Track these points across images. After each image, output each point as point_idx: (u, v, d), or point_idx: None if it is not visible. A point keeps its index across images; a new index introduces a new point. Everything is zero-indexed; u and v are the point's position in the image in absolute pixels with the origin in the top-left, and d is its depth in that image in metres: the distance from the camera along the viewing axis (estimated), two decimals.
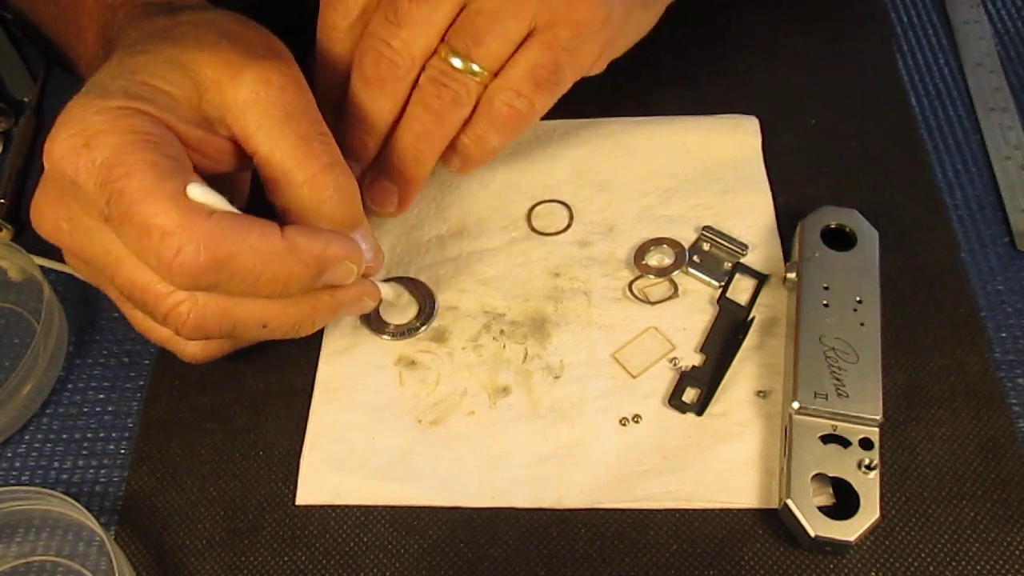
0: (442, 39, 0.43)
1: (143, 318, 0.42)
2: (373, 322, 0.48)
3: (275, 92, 0.40)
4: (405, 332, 0.48)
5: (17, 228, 0.54)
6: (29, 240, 0.54)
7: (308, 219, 0.41)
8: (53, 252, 0.53)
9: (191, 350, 0.44)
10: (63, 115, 0.37)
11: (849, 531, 0.39)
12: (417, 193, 0.48)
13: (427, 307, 0.48)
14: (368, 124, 0.45)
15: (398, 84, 0.44)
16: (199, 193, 0.36)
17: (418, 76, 0.44)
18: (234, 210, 0.37)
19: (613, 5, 0.44)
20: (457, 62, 0.43)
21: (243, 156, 0.41)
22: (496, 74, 0.44)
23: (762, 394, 0.45)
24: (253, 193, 0.45)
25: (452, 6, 0.42)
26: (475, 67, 0.43)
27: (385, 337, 0.48)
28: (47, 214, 0.39)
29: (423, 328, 0.48)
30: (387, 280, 0.49)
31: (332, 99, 0.46)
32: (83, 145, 0.36)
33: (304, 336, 0.42)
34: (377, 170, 0.47)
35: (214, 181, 0.39)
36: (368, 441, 0.45)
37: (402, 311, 0.48)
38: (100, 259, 0.39)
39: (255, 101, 0.39)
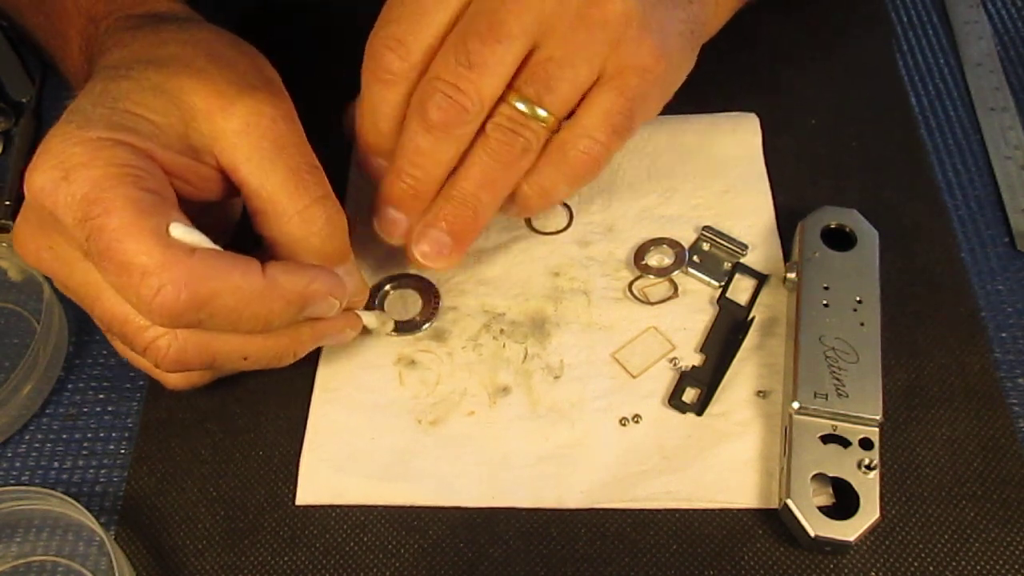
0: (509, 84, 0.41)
1: (125, 347, 0.42)
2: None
3: (266, 123, 0.39)
4: (408, 328, 0.48)
5: None
6: None
7: (296, 252, 0.40)
8: None
9: (172, 380, 0.44)
10: (43, 145, 0.36)
11: (849, 531, 0.39)
12: (472, 244, 0.46)
13: (431, 304, 0.48)
14: (427, 172, 0.43)
15: (464, 130, 0.42)
16: (180, 232, 0.35)
17: (484, 122, 0.42)
18: (216, 248, 0.36)
19: (672, 51, 0.43)
20: (525, 107, 0.41)
21: (230, 185, 0.40)
22: (560, 121, 0.42)
23: (762, 394, 0.45)
24: (242, 219, 0.45)
25: (522, 48, 0.40)
26: (543, 113, 0.41)
27: (391, 333, 0.47)
28: (28, 242, 0.39)
29: (426, 325, 0.48)
30: (391, 281, 0.49)
31: (381, 147, 0.45)
32: (62, 178, 0.35)
33: (286, 365, 0.42)
34: (427, 221, 0.44)
35: (204, 208, 0.39)
36: (368, 441, 0.45)
37: (406, 308, 0.48)
38: (80, 289, 0.39)
39: (245, 132, 0.38)
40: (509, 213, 0.46)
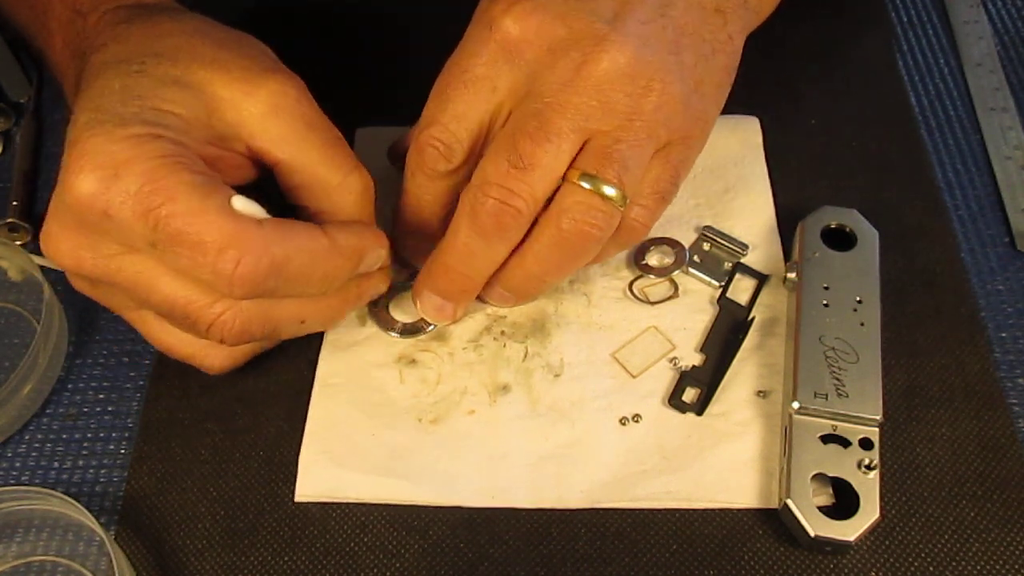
0: (569, 166, 0.40)
1: (167, 334, 0.43)
2: (382, 320, 0.48)
3: (292, 104, 0.40)
4: (413, 331, 0.48)
5: (35, 228, 0.54)
6: None
7: (337, 218, 0.42)
8: None
9: (218, 362, 0.44)
10: (79, 148, 0.36)
11: (849, 531, 0.39)
12: None
13: None
14: (478, 272, 0.44)
15: (519, 231, 0.42)
16: (242, 204, 0.36)
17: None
18: (265, 214, 0.37)
19: (712, 111, 0.43)
20: (595, 187, 0.40)
21: (256, 169, 0.41)
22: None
23: (762, 394, 0.45)
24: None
25: (576, 143, 0.40)
26: (615, 193, 0.40)
27: (393, 334, 0.48)
28: (64, 246, 0.38)
29: (431, 328, 0.48)
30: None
31: (422, 231, 0.45)
32: (112, 177, 0.35)
33: (334, 327, 0.45)
34: (489, 292, 0.46)
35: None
36: (368, 437, 0.45)
37: (412, 310, 0.48)
38: (131, 282, 0.38)
39: (274, 115, 0.40)
40: None
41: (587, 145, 0.40)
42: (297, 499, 0.43)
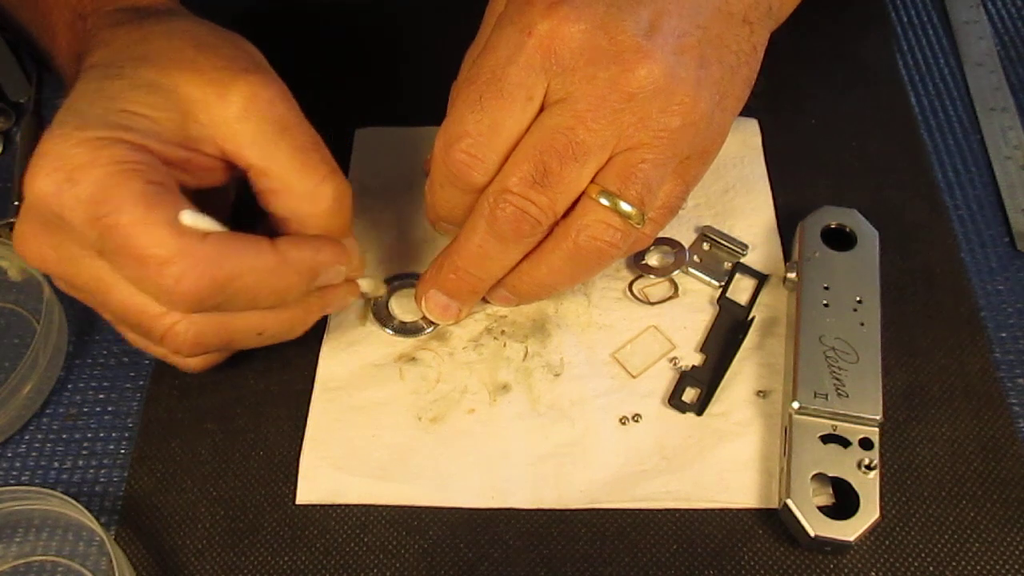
0: (592, 180, 0.40)
1: (139, 337, 0.42)
2: (382, 319, 0.48)
3: (265, 106, 0.39)
4: (412, 331, 0.48)
5: None
6: None
7: (305, 227, 0.41)
8: None
9: (192, 363, 0.44)
10: (40, 148, 0.36)
11: (849, 531, 0.39)
12: None
13: None
14: (489, 273, 0.43)
15: (536, 239, 0.41)
16: (191, 219, 0.36)
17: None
18: (225, 230, 0.37)
19: (729, 125, 0.43)
20: (613, 204, 0.40)
21: (230, 171, 0.41)
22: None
23: (762, 394, 0.45)
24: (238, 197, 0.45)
25: (602, 160, 0.40)
26: (633, 211, 0.40)
27: (392, 333, 0.48)
28: (31, 244, 0.38)
29: (430, 328, 0.48)
30: (396, 280, 0.49)
31: (451, 228, 0.45)
32: (65, 180, 0.35)
33: (297, 336, 0.43)
34: (495, 295, 0.46)
35: (201, 194, 0.39)
36: (368, 438, 0.45)
37: (412, 308, 0.48)
38: (90, 286, 0.39)
39: (245, 117, 0.39)
40: None
41: (611, 160, 0.40)
42: (298, 503, 0.43)
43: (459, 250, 0.43)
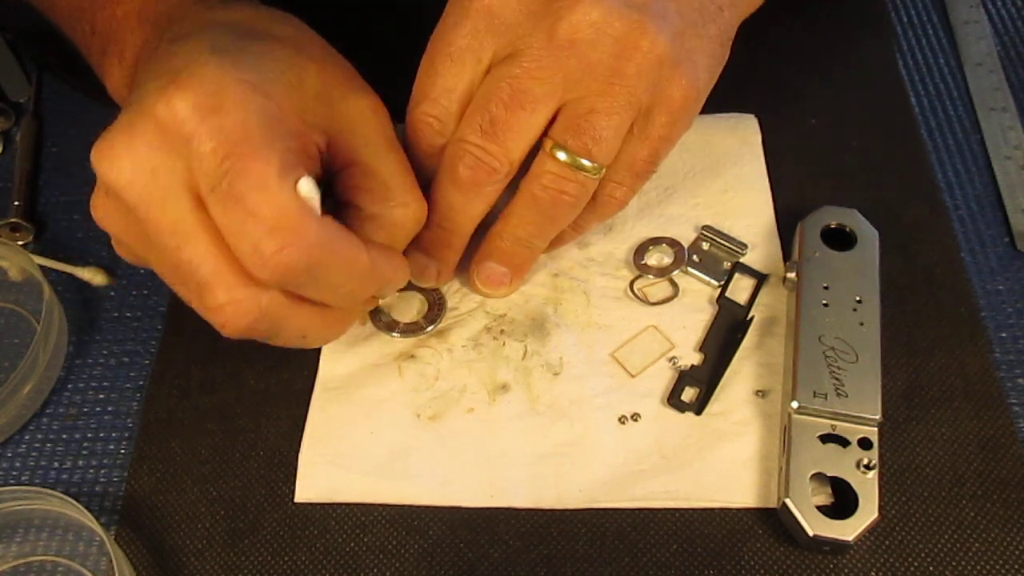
0: (544, 134, 0.41)
1: (189, 294, 0.40)
2: (381, 319, 0.48)
3: (381, 117, 0.41)
4: (412, 330, 0.48)
5: (36, 228, 0.55)
6: (47, 240, 0.54)
7: (387, 232, 0.42)
8: (54, 252, 0.53)
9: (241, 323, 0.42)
10: (189, 70, 0.35)
11: (847, 531, 0.39)
12: (531, 268, 0.48)
13: (436, 307, 0.48)
14: (458, 225, 0.44)
15: (495, 188, 0.43)
16: (307, 188, 0.35)
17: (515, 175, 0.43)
18: (328, 216, 0.37)
19: (701, 83, 0.43)
20: (569, 159, 0.41)
21: (317, 166, 0.40)
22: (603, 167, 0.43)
23: (761, 393, 0.45)
24: None
25: (551, 108, 0.41)
26: (589, 164, 0.41)
27: (395, 334, 0.48)
28: (125, 159, 0.35)
29: (430, 328, 0.48)
30: None
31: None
32: (212, 109, 0.34)
33: (328, 343, 0.44)
34: (485, 253, 0.47)
35: None
36: (367, 436, 0.45)
37: (411, 310, 0.48)
38: (165, 229, 0.36)
39: (364, 121, 0.40)
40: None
41: (562, 111, 0.41)
42: (296, 501, 0.43)
43: (431, 205, 0.44)
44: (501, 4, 0.40)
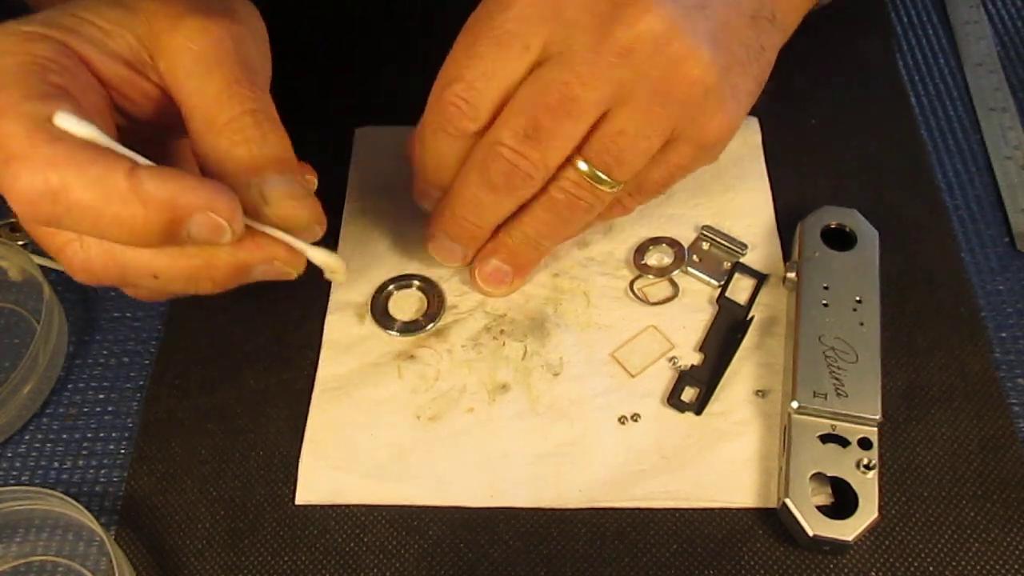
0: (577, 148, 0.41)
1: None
2: (381, 318, 0.48)
3: (211, 40, 0.37)
4: (412, 329, 0.48)
5: None
6: None
7: (224, 168, 0.37)
8: None
9: (132, 292, 0.41)
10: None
11: (847, 530, 0.39)
12: (534, 269, 0.49)
13: (435, 305, 0.48)
14: (484, 221, 0.44)
15: (528, 192, 0.42)
16: (67, 122, 0.33)
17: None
18: (102, 141, 0.34)
19: (738, 118, 0.42)
20: (590, 173, 0.41)
21: (169, 107, 0.38)
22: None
23: (761, 393, 0.45)
24: None
25: (595, 117, 0.40)
26: (609, 179, 0.41)
27: (393, 332, 0.48)
28: None
29: (430, 326, 0.48)
30: (395, 281, 0.49)
31: (442, 186, 0.44)
32: None
33: (207, 293, 0.39)
34: (491, 250, 0.46)
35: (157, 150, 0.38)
36: (367, 437, 0.45)
37: (411, 308, 0.48)
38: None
39: (188, 48, 0.37)
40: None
41: (599, 124, 0.40)
42: (297, 503, 0.43)
43: (455, 198, 0.43)
44: None
